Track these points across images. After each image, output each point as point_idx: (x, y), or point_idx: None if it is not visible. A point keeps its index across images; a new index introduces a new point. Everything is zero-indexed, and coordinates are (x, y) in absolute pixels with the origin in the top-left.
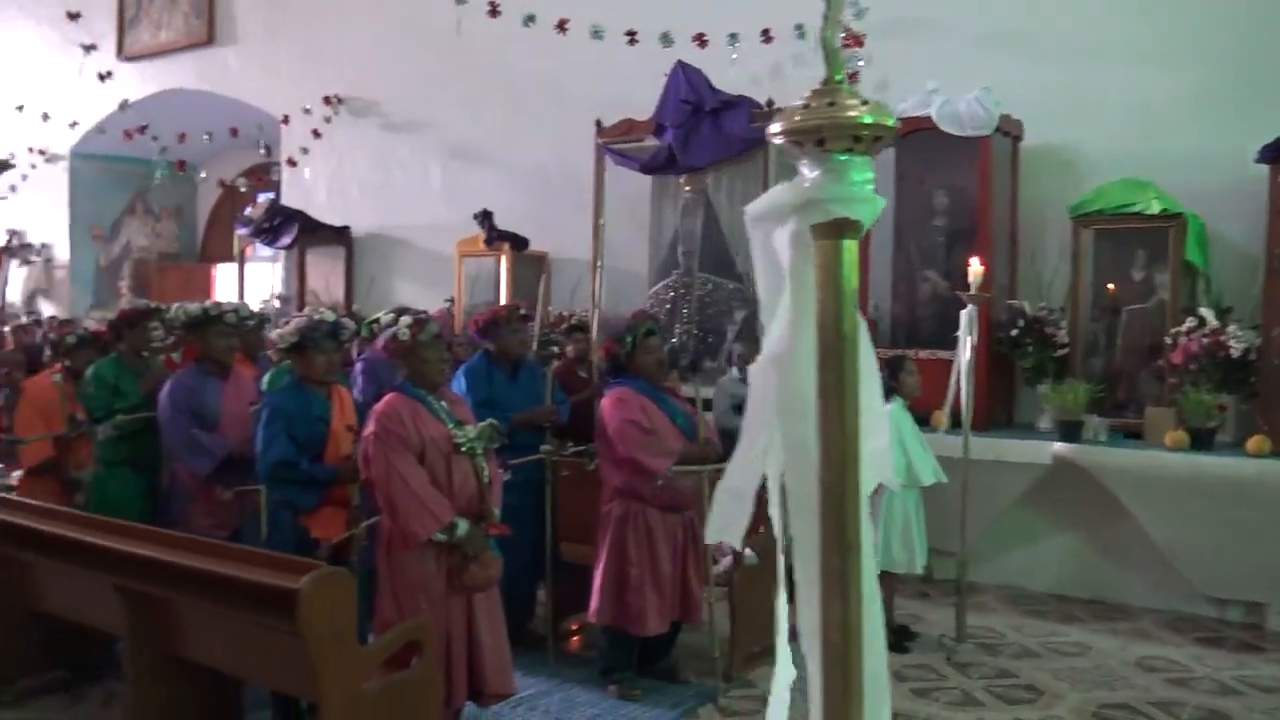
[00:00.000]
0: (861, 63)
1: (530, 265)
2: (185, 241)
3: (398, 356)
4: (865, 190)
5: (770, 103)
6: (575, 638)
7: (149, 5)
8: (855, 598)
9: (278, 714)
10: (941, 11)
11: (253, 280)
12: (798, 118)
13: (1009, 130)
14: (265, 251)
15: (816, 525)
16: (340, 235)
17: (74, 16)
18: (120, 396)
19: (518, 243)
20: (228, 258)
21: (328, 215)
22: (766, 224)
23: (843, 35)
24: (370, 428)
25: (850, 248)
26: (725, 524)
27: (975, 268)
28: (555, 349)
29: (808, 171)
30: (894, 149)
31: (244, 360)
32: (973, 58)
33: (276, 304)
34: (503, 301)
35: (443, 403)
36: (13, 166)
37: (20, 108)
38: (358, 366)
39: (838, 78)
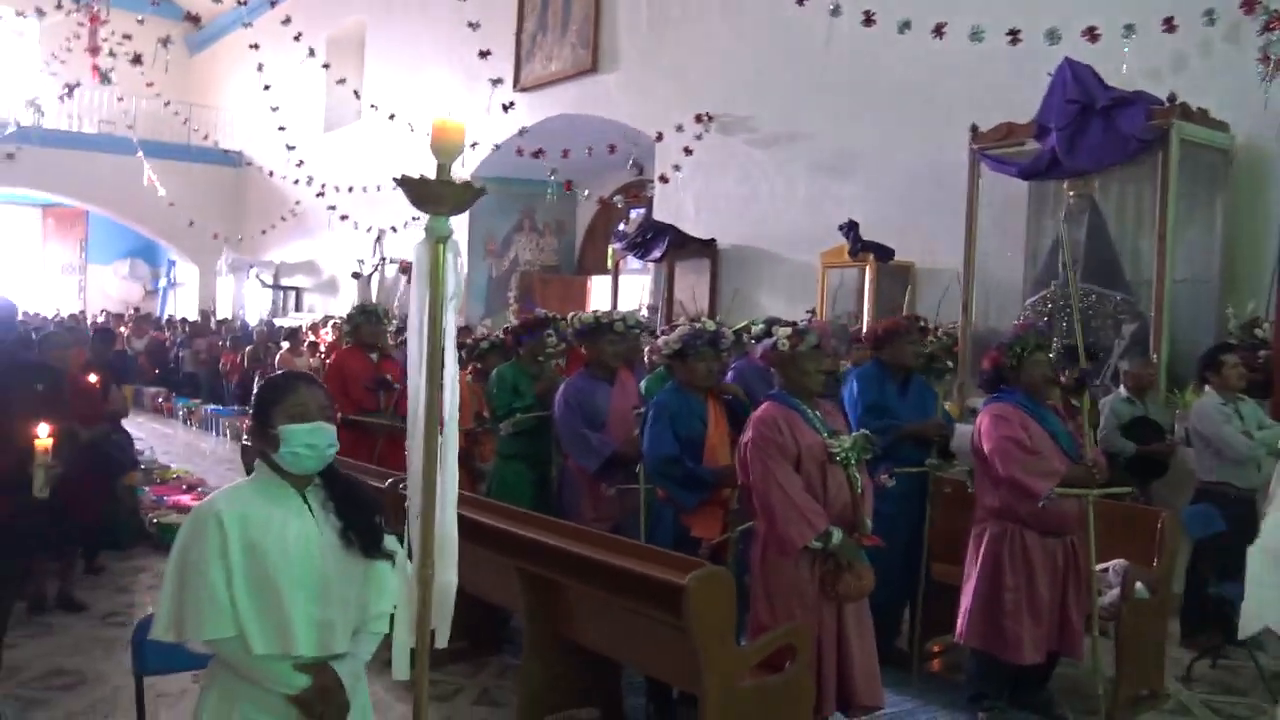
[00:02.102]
0: None
1: (894, 276)
2: (564, 255)
3: (776, 366)
4: None
5: (1173, 97)
6: (937, 659)
7: (542, 40)
8: None
9: (652, 700)
10: None
11: (625, 291)
12: None
13: None
14: (635, 263)
15: None
16: (706, 248)
17: (485, 54)
18: (518, 396)
19: (882, 253)
20: (602, 270)
21: (695, 229)
22: None
23: (1264, 19)
24: (748, 434)
25: None
26: (1269, 602)
27: None
28: (950, 365)
29: None
30: None
31: (624, 366)
32: None
33: (646, 314)
34: (865, 313)
35: (817, 413)
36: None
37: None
38: (729, 375)
39: None
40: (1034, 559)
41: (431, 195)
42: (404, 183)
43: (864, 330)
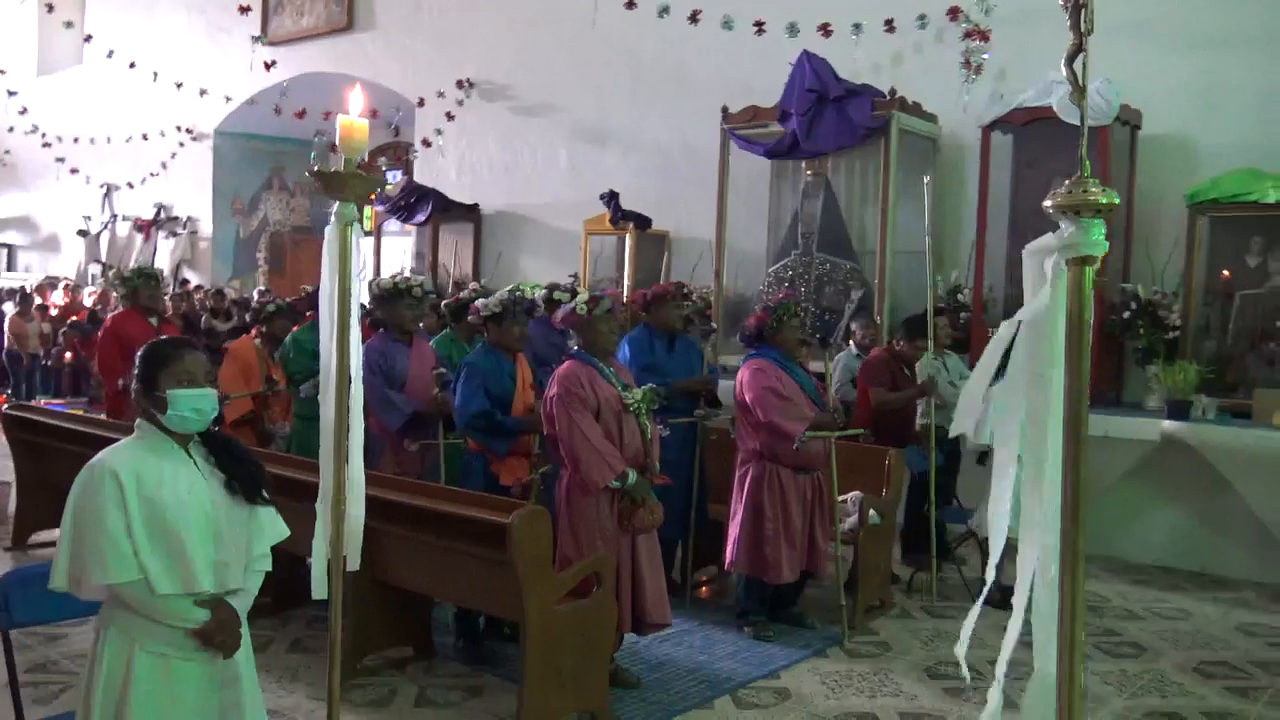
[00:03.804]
0: (987, 56)
1: (652, 243)
2: (316, 216)
3: (574, 328)
4: (1100, 239)
5: (893, 91)
6: (704, 587)
7: None
8: (1083, 461)
9: (460, 635)
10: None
11: (384, 254)
12: (1061, 199)
13: (1128, 119)
14: (393, 226)
15: (1051, 424)
16: (470, 212)
17: (245, 10)
18: (317, 359)
19: (641, 222)
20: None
21: (458, 193)
22: (1038, 255)
23: (965, 28)
24: (553, 390)
25: (1090, 272)
26: (968, 416)
27: None
28: (715, 326)
29: (1065, 226)
30: (1012, 136)
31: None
32: (1095, 48)
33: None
34: (625, 277)
35: (611, 369)
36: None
37: (180, 85)
38: None
39: (1087, 174)
40: (789, 493)
41: (340, 184)
42: (318, 174)
43: (625, 294)
